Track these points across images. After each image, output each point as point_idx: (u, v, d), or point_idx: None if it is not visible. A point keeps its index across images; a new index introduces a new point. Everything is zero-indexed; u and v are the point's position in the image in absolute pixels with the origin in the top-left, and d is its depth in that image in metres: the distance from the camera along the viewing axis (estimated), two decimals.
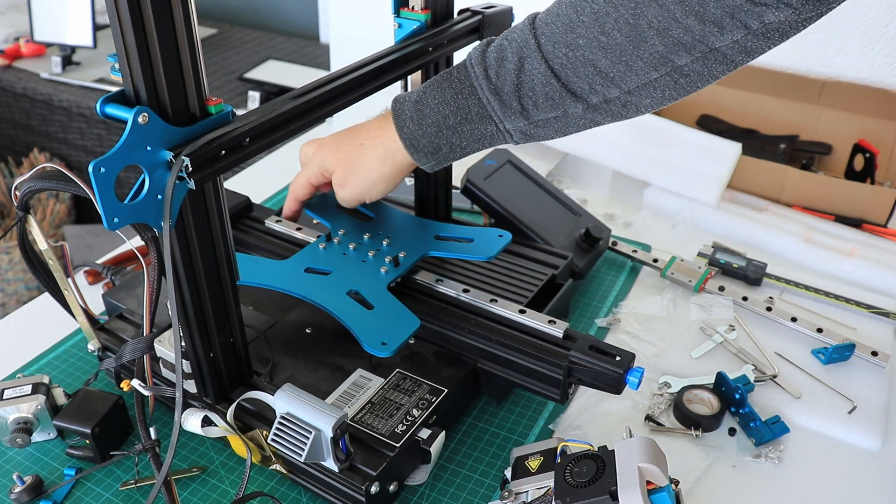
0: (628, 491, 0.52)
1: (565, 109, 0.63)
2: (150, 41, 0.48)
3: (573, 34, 0.61)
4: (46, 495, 0.65)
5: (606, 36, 0.60)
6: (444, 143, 0.66)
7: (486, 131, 0.65)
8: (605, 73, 0.61)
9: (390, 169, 0.69)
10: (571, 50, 0.61)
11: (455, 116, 0.65)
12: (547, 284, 0.81)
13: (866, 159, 1.10)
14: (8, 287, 2.11)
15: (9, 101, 2.36)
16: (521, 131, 0.65)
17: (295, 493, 0.66)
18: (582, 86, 0.62)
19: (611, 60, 0.60)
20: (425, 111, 0.66)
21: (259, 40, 2.66)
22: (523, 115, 0.64)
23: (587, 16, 0.61)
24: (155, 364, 0.68)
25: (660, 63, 0.60)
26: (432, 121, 0.66)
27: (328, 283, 0.72)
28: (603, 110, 0.63)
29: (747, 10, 0.57)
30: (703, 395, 0.74)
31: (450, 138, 0.66)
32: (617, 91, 0.62)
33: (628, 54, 0.60)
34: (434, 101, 0.66)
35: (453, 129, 0.65)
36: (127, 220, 0.50)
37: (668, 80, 0.61)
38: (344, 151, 0.72)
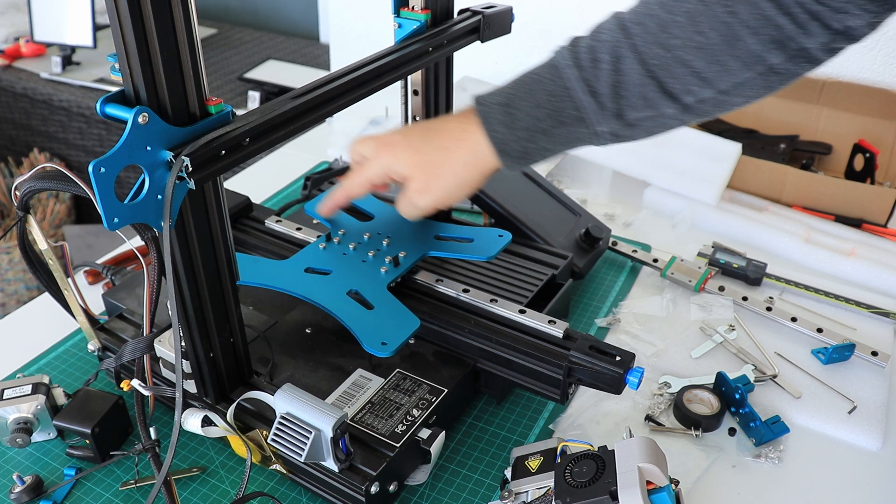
0: (628, 491, 0.52)
1: (660, 110, 0.62)
2: (150, 41, 0.48)
3: (667, 34, 0.60)
4: (46, 495, 0.65)
5: (702, 35, 0.59)
6: (534, 147, 0.64)
7: (578, 134, 0.64)
8: (700, 73, 0.60)
9: (478, 174, 0.66)
10: (667, 50, 0.60)
11: (549, 120, 0.63)
12: (547, 284, 0.81)
13: (866, 159, 1.10)
14: (8, 287, 2.11)
15: (9, 101, 2.36)
16: (612, 133, 0.64)
17: (295, 493, 0.66)
18: (677, 86, 0.61)
19: (706, 61, 0.60)
20: (517, 115, 0.64)
21: (259, 40, 2.66)
22: (618, 116, 0.63)
23: (681, 15, 0.60)
24: (155, 364, 0.68)
25: (754, 62, 0.60)
26: (525, 125, 0.64)
27: (328, 283, 0.72)
28: (695, 110, 0.62)
29: (829, 15, 0.58)
30: (703, 395, 0.74)
31: (541, 142, 0.64)
32: (712, 91, 0.61)
33: (723, 54, 0.59)
34: (526, 105, 0.64)
35: (546, 133, 0.64)
36: (127, 220, 0.50)
37: (760, 79, 0.61)
38: (423, 155, 0.67)
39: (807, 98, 1.19)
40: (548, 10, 1.55)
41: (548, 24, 1.57)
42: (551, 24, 1.56)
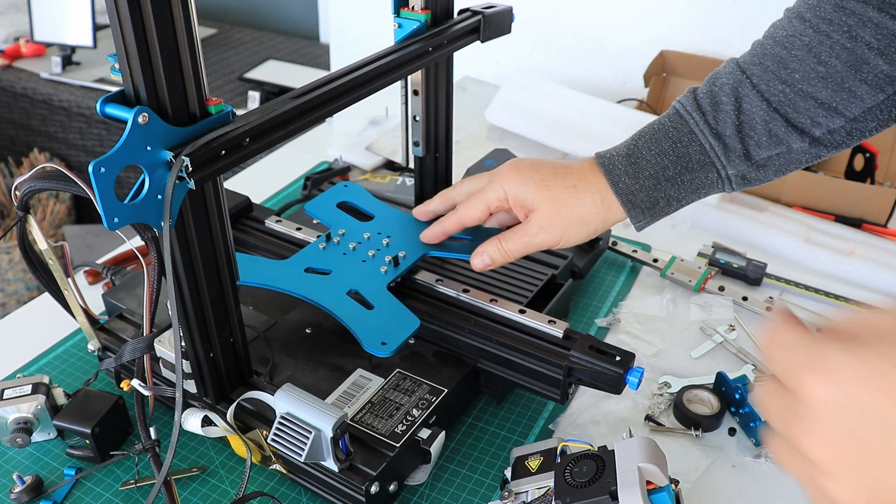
0: (628, 491, 0.52)
1: (789, 145, 0.61)
2: (150, 41, 0.48)
3: (787, 70, 0.59)
4: (46, 495, 0.65)
5: (823, 65, 0.58)
6: (661, 196, 0.63)
7: (707, 179, 0.63)
8: (826, 103, 0.59)
9: (601, 223, 0.64)
10: (787, 85, 0.59)
11: (675, 167, 0.62)
12: (547, 284, 0.81)
13: (866, 159, 1.10)
14: (8, 287, 2.11)
15: (9, 101, 2.36)
16: (741, 175, 0.63)
17: (295, 493, 0.66)
18: (804, 120, 0.60)
19: (832, 90, 0.58)
20: (641, 164, 0.62)
21: (259, 40, 2.66)
22: (745, 156, 0.62)
23: (798, 49, 0.59)
24: (155, 364, 0.68)
25: (886, 83, 0.58)
26: (650, 173, 0.62)
27: (328, 282, 0.72)
28: (827, 142, 0.61)
29: None
30: (703, 395, 0.74)
31: (668, 190, 0.63)
32: (842, 120, 0.59)
33: (850, 80, 0.58)
34: (650, 153, 0.62)
35: (672, 181, 0.62)
36: (127, 220, 0.50)
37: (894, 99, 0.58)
38: (553, 190, 0.64)
39: None
40: (548, 10, 1.55)
41: (548, 24, 1.57)
42: (551, 24, 1.56)
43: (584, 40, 1.55)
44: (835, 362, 0.30)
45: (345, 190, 0.87)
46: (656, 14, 1.45)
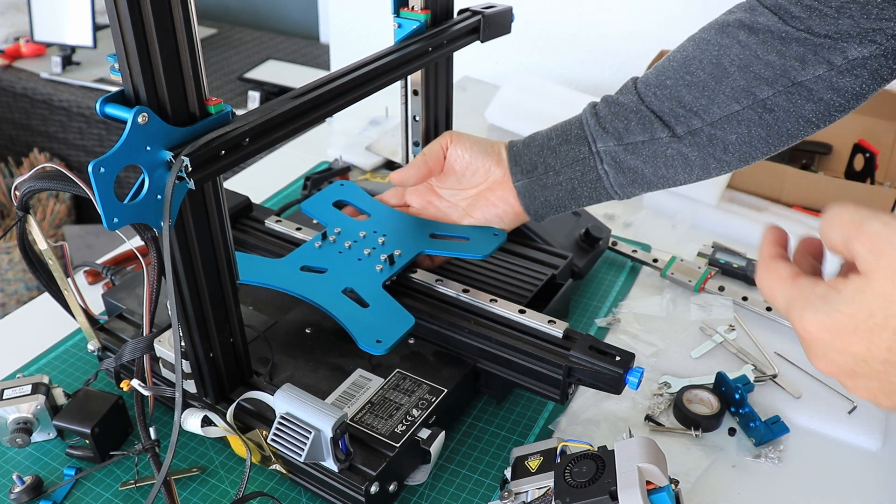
0: (628, 491, 0.52)
1: (653, 133, 0.68)
2: (150, 41, 0.48)
3: (663, 76, 0.69)
4: (46, 495, 0.65)
5: (691, 75, 0.67)
6: (541, 162, 0.73)
7: (580, 153, 0.71)
8: (688, 105, 0.67)
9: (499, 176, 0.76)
10: (660, 89, 0.68)
11: (558, 138, 0.72)
12: (547, 284, 0.81)
13: (866, 159, 1.10)
14: (8, 287, 2.11)
15: (9, 101, 2.36)
16: (611, 155, 0.70)
17: (295, 493, 0.66)
18: (668, 117, 0.68)
19: (694, 95, 0.67)
20: (536, 137, 0.74)
21: (259, 40, 2.66)
22: (615, 135, 0.69)
23: (676, 61, 0.69)
24: (155, 364, 0.68)
25: (742, 95, 0.65)
26: (538, 143, 0.73)
27: (323, 281, 0.72)
28: (688, 142, 0.68)
29: (829, 46, 0.61)
30: (703, 395, 0.74)
31: (547, 158, 0.72)
32: (700, 122, 0.67)
33: (710, 88, 0.66)
34: (546, 130, 0.74)
35: (553, 150, 0.72)
36: (127, 220, 0.50)
37: (751, 113, 0.65)
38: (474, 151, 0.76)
39: None
40: (548, 9, 1.55)
41: (548, 24, 1.57)
42: (551, 23, 1.56)
43: (584, 40, 1.55)
44: None
45: (341, 189, 0.87)
46: (656, 14, 1.45)
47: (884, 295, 0.35)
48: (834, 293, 0.38)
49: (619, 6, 1.49)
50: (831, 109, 0.64)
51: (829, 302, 0.37)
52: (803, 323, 0.39)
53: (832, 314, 0.37)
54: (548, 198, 0.73)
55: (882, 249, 0.36)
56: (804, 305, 0.39)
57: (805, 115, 0.65)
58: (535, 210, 0.75)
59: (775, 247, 0.46)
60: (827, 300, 0.38)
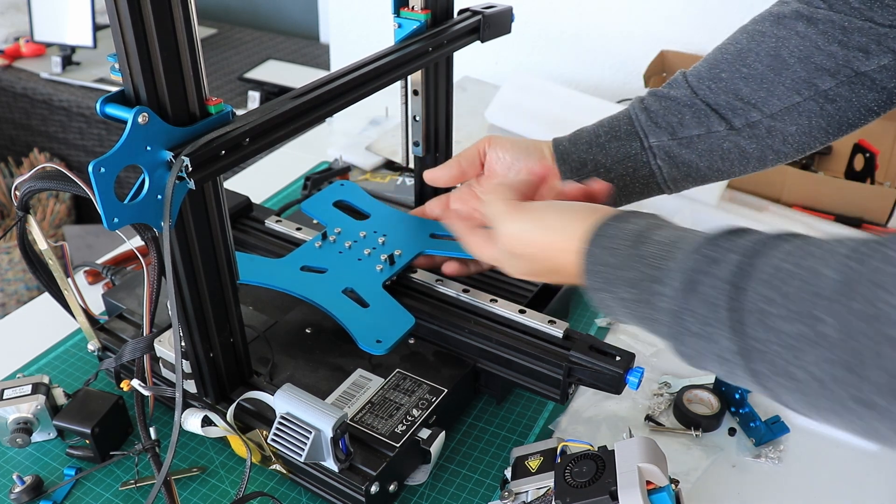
0: (628, 491, 0.52)
1: (709, 127, 0.67)
2: (150, 41, 0.48)
3: (716, 69, 0.67)
4: (46, 495, 0.65)
5: (748, 67, 0.66)
6: (590, 160, 0.70)
7: (632, 149, 0.69)
8: (745, 98, 0.66)
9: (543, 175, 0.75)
10: (714, 82, 0.67)
11: (606, 135, 0.70)
12: (547, 284, 0.81)
13: (866, 159, 1.10)
14: (8, 287, 2.11)
15: (9, 101, 2.36)
16: (665, 150, 0.68)
17: (295, 493, 0.66)
18: (724, 109, 0.67)
19: (752, 88, 0.66)
20: (581, 134, 0.72)
21: (259, 40, 2.66)
22: (668, 130, 0.68)
23: (730, 54, 0.67)
24: (155, 364, 0.68)
25: (802, 87, 0.64)
26: (585, 140, 0.71)
27: (323, 281, 0.72)
28: (746, 134, 0.67)
29: (893, 35, 0.60)
30: (703, 395, 0.74)
31: (596, 155, 0.70)
32: (758, 114, 0.66)
33: (769, 81, 0.65)
34: (591, 127, 0.72)
35: (602, 147, 0.70)
36: (127, 220, 0.50)
37: (812, 104, 0.64)
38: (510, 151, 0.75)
39: None
40: (548, 9, 1.55)
41: (548, 24, 1.57)
42: (551, 23, 1.56)
43: (584, 40, 1.55)
44: None
45: (341, 189, 0.87)
46: (656, 14, 1.45)
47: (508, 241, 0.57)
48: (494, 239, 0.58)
49: (619, 6, 1.49)
50: (893, 97, 0.64)
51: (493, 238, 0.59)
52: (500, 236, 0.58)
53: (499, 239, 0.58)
54: None
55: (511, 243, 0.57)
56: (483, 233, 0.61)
57: (867, 105, 0.64)
58: None
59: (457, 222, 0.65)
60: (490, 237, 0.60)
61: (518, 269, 0.59)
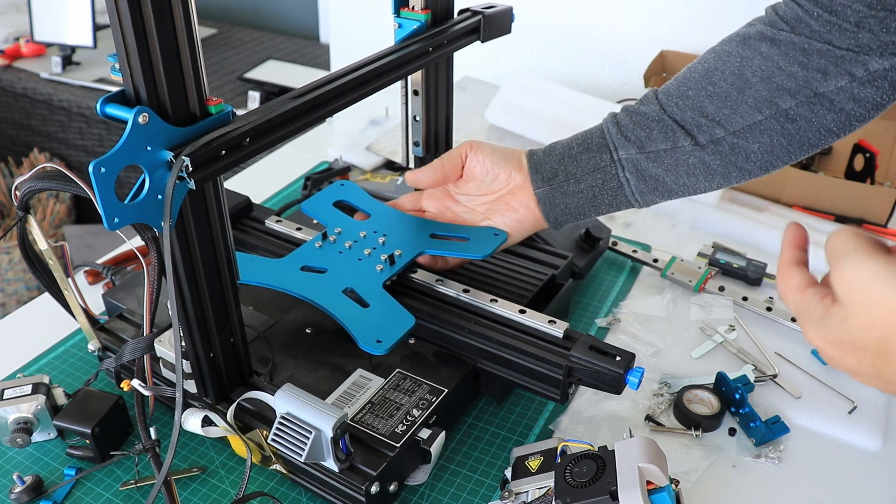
0: (628, 491, 0.52)
1: (675, 142, 0.69)
2: (150, 41, 0.48)
3: (685, 87, 0.70)
4: (46, 495, 0.65)
5: (713, 86, 0.68)
6: (561, 170, 0.73)
7: (602, 161, 0.71)
8: (710, 115, 0.68)
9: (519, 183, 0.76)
10: (682, 100, 0.69)
11: (579, 147, 0.73)
12: (547, 284, 0.81)
13: (866, 159, 1.10)
14: (8, 287, 2.11)
15: (9, 101, 2.36)
16: (633, 163, 0.70)
17: (295, 493, 0.66)
18: (690, 126, 0.69)
19: (716, 106, 0.68)
20: (556, 146, 0.74)
21: (259, 40, 2.66)
22: (637, 144, 0.70)
23: (698, 73, 0.70)
24: (155, 364, 0.68)
25: (764, 106, 0.66)
26: (559, 152, 0.74)
27: (324, 281, 0.72)
28: (710, 150, 0.68)
29: (850, 59, 0.62)
30: (703, 395, 0.74)
31: (568, 166, 0.72)
32: (722, 131, 0.68)
33: (733, 99, 0.67)
34: (565, 140, 0.74)
35: (574, 158, 0.72)
36: (127, 220, 0.50)
37: (773, 123, 0.66)
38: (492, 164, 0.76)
39: None
40: (548, 10, 1.55)
41: (548, 24, 1.57)
42: (551, 24, 1.56)
43: (584, 40, 1.55)
44: None
45: (341, 189, 0.87)
46: (656, 14, 1.45)
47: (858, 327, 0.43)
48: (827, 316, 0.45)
49: (620, 6, 1.49)
50: (852, 119, 0.66)
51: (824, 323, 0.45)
52: (808, 334, 0.47)
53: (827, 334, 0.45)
54: (568, 205, 0.73)
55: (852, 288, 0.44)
56: (807, 321, 0.47)
57: (826, 125, 0.66)
58: (555, 217, 0.74)
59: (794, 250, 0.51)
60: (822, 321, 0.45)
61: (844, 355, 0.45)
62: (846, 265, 0.44)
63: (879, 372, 0.44)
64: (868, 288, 0.42)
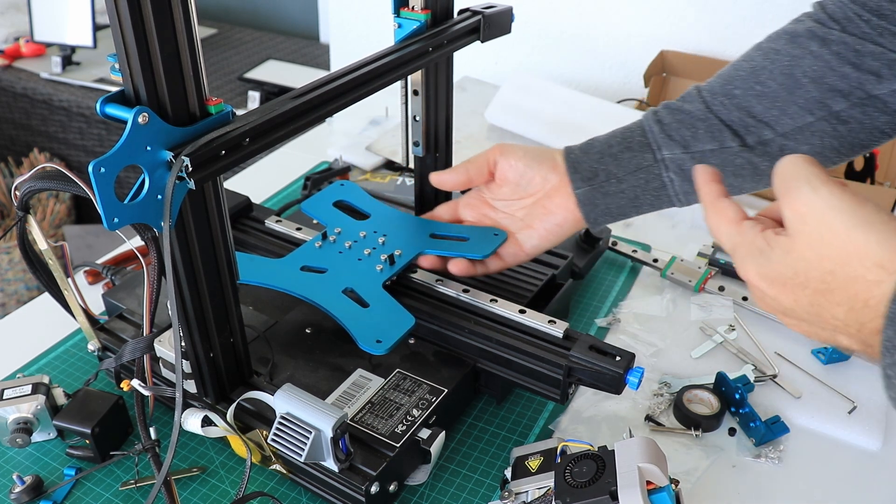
0: (628, 491, 0.52)
1: (722, 143, 0.67)
2: (150, 41, 0.48)
3: (730, 86, 0.67)
4: (46, 495, 0.65)
5: (761, 85, 0.66)
6: (602, 169, 0.70)
7: (644, 160, 0.69)
8: (758, 116, 0.66)
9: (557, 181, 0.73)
10: (728, 99, 0.67)
11: (619, 146, 0.70)
12: (547, 284, 0.81)
13: (866, 159, 1.10)
14: (8, 287, 2.11)
15: (9, 101, 2.36)
16: (677, 163, 0.68)
17: (295, 493, 0.66)
18: (738, 126, 0.67)
19: (765, 106, 0.65)
20: (594, 143, 0.72)
21: (259, 40, 2.66)
22: (682, 143, 0.68)
23: (744, 70, 0.67)
24: (155, 364, 0.68)
25: (815, 107, 0.64)
26: (598, 149, 0.71)
27: (323, 281, 0.72)
28: (759, 151, 0.67)
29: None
30: (703, 395, 0.74)
31: (608, 165, 0.70)
32: (771, 133, 0.66)
33: (783, 100, 0.65)
34: (604, 137, 0.72)
35: (614, 157, 0.70)
36: (127, 220, 0.50)
37: (824, 125, 0.64)
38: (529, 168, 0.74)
39: None
40: (548, 10, 1.55)
41: (548, 24, 1.57)
42: (551, 24, 1.56)
43: (584, 40, 1.55)
44: None
45: (341, 189, 0.87)
46: (656, 14, 1.46)
47: (804, 259, 0.41)
48: (768, 249, 0.43)
49: (620, 6, 1.49)
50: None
51: (764, 255, 0.43)
52: (744, 270, 0.45)
53: (765, 266, 0.43)
54: (609, 205, 0.71)
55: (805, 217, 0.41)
56: (745, 254, 0.45)
57: (879, 127, 0.65)
58: (595, 217, 0.72)
59: (714, 184, 0.51)
60: (762, 253, 0.43)
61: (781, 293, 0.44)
62: (800, 192, 0.42)
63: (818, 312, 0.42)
64: (823, 216, 0.40)
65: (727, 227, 0.47)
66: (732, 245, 0.46)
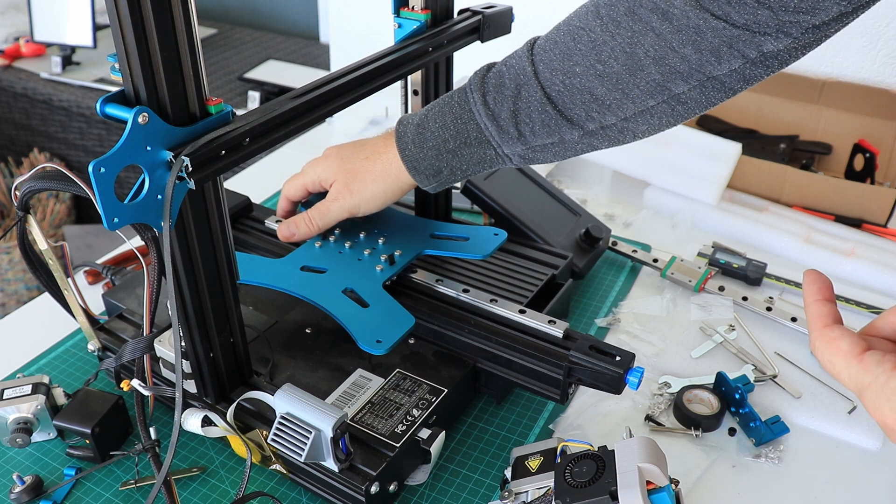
0: (628, 491, 0.52)
1: (561, 136, 0.64)
2: (150, 41, 0.48)
3: (570, 62, 0.62)
4: (46, 495, 0.65)
5: (603, 64, 0.61)
6: (444, 166, 0.68)
7: (486, 155, 0.67)
8: (601, 100, 0.62)
9: (391, 186, 0.71)
10: (568, 77, 0.62)
11: (455, 140, 0.67)
12: (547, 284, 0.81)
13: (866, 159, 1.10)
14: (8, 287, 2.11)
15: (9, 101, 2.36)
16: (519, 155, 0.66)
17: (295, 493, 0.66)
18: (578, 113, 0.63)
19: (607, 88, 0.61)
20: (426, 135, 0.67)
21: (259, 40, 2.66)
22: (521, 140, 0.65)
23: (584, 44, 0.62)
24: (155, 364, 0.68)
25: (657, 91, 0.61)
26: (433, 144, 0.67)
27: (324, 281, 0.72)
28: (600, 136, 0.65)
29: (745, 39, 0.57)
30: (703, 395, 0.74)
31: (450, 161, 0.67)
32: (614, 118, 0.63)
33: (625, 82, 0.61)
34: (435, 126, 0.67)
35: (453, 153, 0.67)
36: (127, 220, 0.50)
37: (665, 107, 0.62)
38: (348, 163, 0.73)
39: (807, 98, 1.19)
40: (548, 10, 1.55)
41: (548, 25, 1.57)
42: (551, 24, 1.56)
43: None
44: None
45: None
46: None
47: None
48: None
49: None
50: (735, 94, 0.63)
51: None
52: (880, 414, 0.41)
53: None
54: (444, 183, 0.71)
55: None
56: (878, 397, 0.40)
57: (712, 102, 0.63)
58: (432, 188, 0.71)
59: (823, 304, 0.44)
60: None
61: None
62: None
63: None
64: None
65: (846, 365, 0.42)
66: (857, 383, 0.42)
